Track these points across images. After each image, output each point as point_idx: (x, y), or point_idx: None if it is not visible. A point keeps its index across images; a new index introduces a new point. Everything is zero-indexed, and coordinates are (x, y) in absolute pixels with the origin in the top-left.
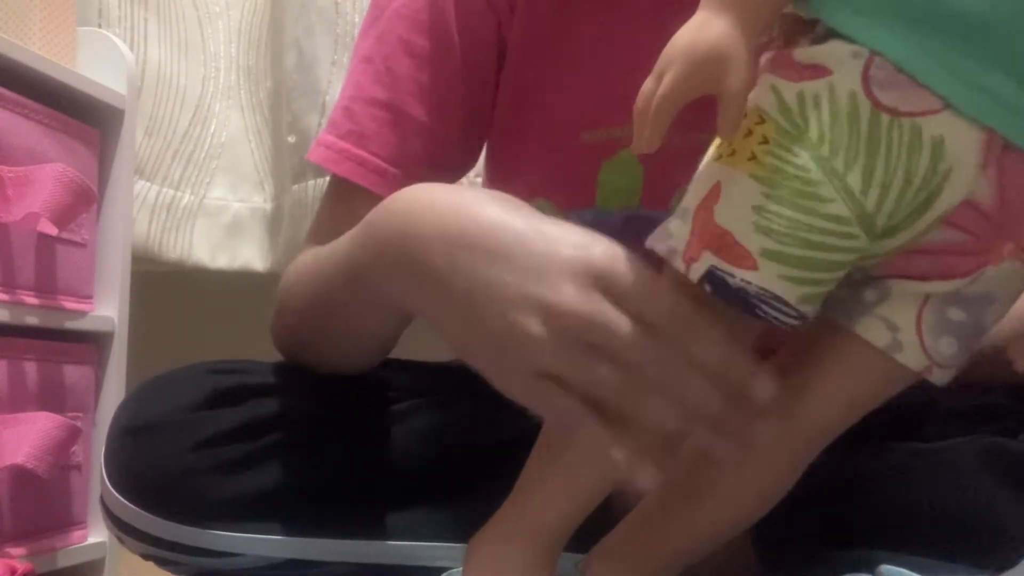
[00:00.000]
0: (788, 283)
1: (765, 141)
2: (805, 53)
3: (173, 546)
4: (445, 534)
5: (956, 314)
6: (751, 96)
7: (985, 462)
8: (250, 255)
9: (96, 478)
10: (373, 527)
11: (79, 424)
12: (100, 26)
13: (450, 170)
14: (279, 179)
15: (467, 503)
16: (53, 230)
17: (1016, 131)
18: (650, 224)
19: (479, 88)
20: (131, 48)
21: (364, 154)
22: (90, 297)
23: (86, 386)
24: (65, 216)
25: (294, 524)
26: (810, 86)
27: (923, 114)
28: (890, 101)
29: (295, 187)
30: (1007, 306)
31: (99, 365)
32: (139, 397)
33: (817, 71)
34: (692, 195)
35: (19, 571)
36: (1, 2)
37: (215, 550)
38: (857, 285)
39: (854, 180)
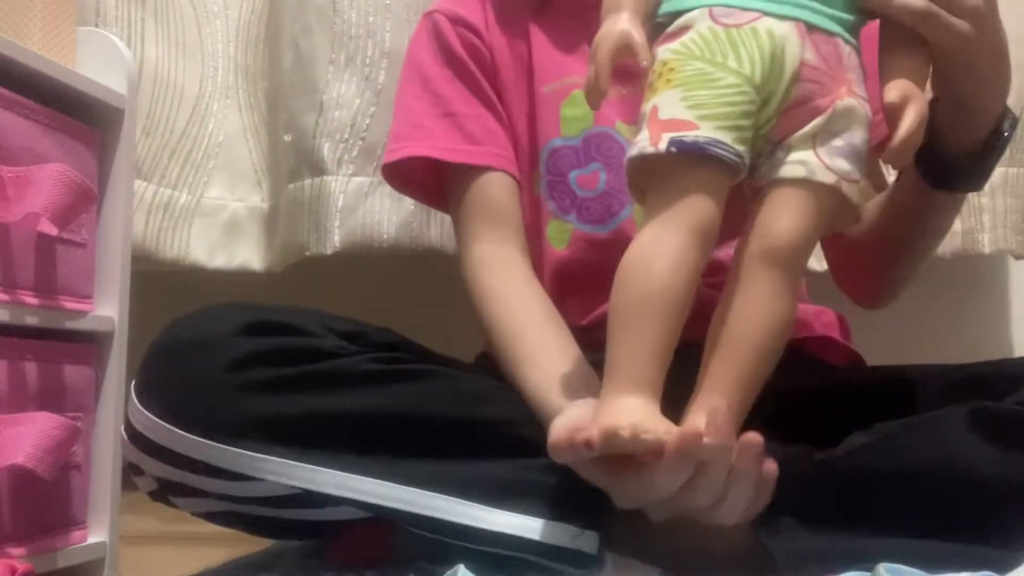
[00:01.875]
0: (723, 131)
1: (672, 70)
2: (672, 27)
3: (193, 465)
4: (456, 489)
5: (837, 142)
6: (658, 58)
7: (971, 425)
8: (248, 254)
9: (96, 478)
10: (388, 469)
11: (79, 424)
12: (97, 25)
13: (503, 146)
14: (277, 178)
15: (481, 464)
16: (53, 230)
17: (812, 20)
18: (603, 137)
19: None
20: (128, 47)
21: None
22: (90, 297)
23: (86, 386)
24: (65, 216)
25: (315, 454)
26: (686, 36)
27: (751, 21)
28: (731, 21)
29: (291, 186)
30: (864, 132)
31: (99, 365)
32: (180, 321)
33: (684, 30)
34: (641, 127)
35: (19, 571)
36: (1, 2)
37: (234, 471)
38: (771, 154)
39: (732, 61)
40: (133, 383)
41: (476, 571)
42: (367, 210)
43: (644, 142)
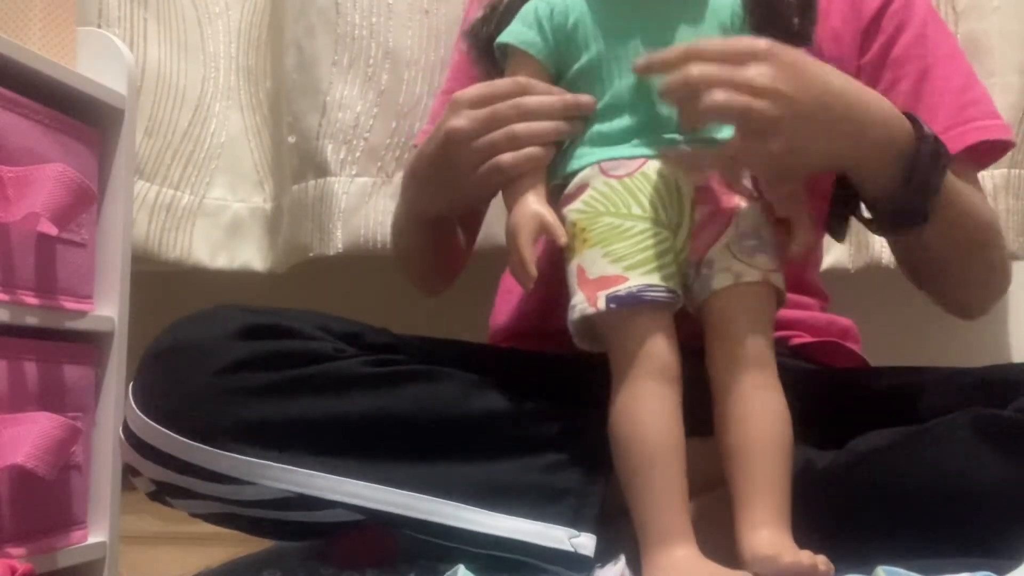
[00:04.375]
0: (650, 275)
1: (584, 230)
2: (570, 188)
3: (189, 469)
4: (453, 492)
5: (749, 242)
6: (566, 220)
7: (975, 433)
8: (249, 255)
9: (96, 478)
10: (384, 473)
11: (79, 424)
12: (100, 26)
13: None
14: (279, 179)
15: (479, 466)
16: (53, 230)
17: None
18: None
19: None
20: (130, 48)
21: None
22: (90, 297)
23: (86, 386)
24: (65, 216)
25: (310, 458)
26: (585, 195)
27: (639, 167)
28: (621, 172)
29: (295, 187)
30: (769, 227)
31: (99, 365)
32: (176, 325)
33: (582, 189)
34: (573, 289)
35: (19, 571)
36: (1, 2)
37: (229, 475)
38: (698, 274)
39: (636, 208)
40: (130, 387)
41: (476, 572)
42: (370, 211)
43: (583, 304)
